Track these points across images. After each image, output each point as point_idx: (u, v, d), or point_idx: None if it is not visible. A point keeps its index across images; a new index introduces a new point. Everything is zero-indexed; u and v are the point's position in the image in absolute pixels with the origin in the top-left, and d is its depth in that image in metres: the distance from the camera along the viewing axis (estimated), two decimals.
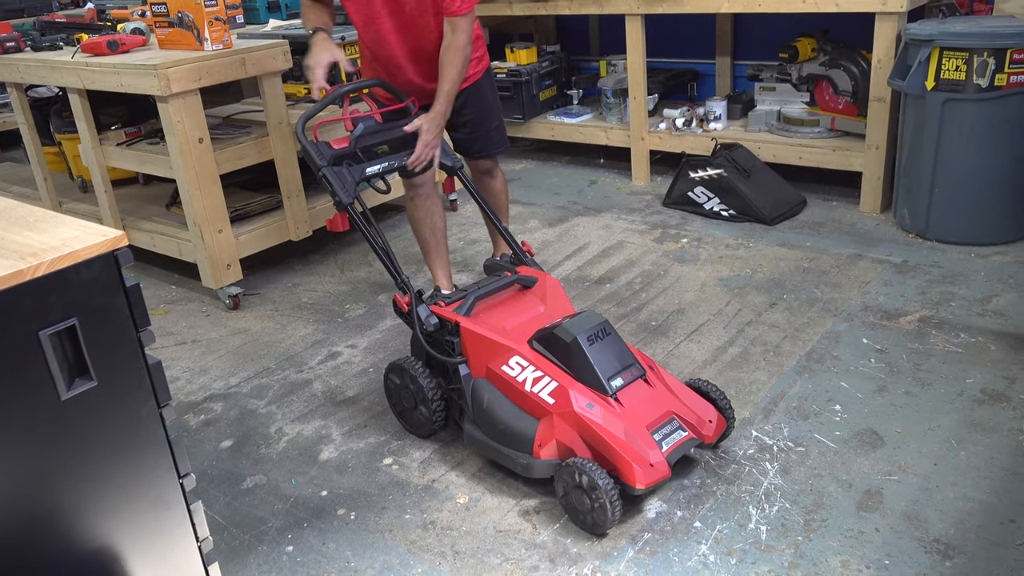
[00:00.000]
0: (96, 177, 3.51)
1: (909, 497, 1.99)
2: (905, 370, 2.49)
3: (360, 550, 2.00)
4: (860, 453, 2.16)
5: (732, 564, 1.84)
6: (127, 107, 3.67)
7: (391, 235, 3.96)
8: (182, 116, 2.97)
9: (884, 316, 2.81)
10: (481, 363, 2.17)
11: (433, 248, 3.05)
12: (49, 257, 1.25)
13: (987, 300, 2.85)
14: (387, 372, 2.40)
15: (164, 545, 1.49)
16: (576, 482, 1.92)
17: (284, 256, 3.76)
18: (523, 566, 1.90)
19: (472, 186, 2.75)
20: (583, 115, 4.70)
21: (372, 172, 2.51)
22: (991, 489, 1.99)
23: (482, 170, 3.07)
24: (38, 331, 1.24)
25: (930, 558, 1.81)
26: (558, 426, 2.00)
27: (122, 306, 1.35)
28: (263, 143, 3.30)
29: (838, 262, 3.24)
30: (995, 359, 2.51)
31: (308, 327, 3.13)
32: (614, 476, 1.91)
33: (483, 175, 3.09)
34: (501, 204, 3.18)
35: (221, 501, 2.21)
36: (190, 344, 3.09)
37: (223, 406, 2.66)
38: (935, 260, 3.19)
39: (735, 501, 2.03)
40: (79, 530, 1.36)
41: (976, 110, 3.12)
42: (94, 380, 1.32)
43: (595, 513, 1.91)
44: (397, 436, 2.42)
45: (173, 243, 3.40)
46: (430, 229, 3.00)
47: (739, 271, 3.24)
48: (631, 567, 1.86)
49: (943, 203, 3.30)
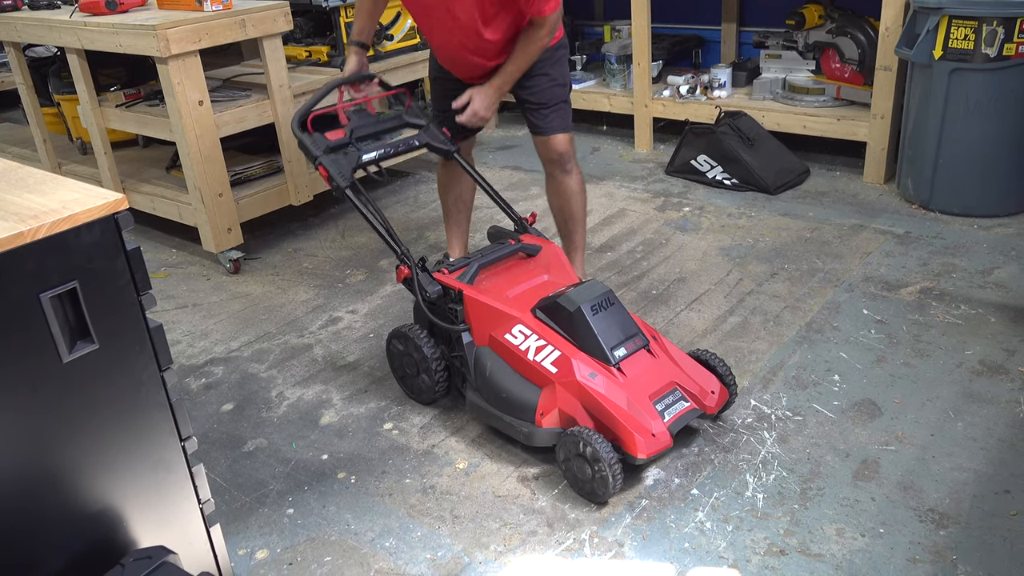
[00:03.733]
0: (95, 139, 3.48)
1: (905, 467, 2.00)
2: (905, 341, 2.50)
3: (360, 513, 2.02)
4: (858, 423, 2.17)
5: (728, 531, 1.86)
6: (126, 68, 3.63)
7: (392, 200, 3.94)
8: (182, 78, 2.94)
9: (885, 287, 2.81)
10: (484, 331, 2.17)
11: (453, 216, 3.02)
12: (49, 220, 1.24)
13: (988, 272, 2.85)
14: (390, 338, 2.40)
15: (166, 507, 1.51)
16: (578, 451, 1.93)
17: (285, 220, 3.75)
18: (521, 531, 1.92)
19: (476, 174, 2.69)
20: (586, 81, 4.66)
21: (368, 158, 2.49)
22: (987, 460, 2.01)
23: (553, 157, 2.69)
24: (39, 294, 1.24)
25: (924, 527, 1.83)
26: (560, 395, 2.01)
27: (123, 269, 1.34)
28: (263, 106, 3.28)
29: (840, 232, 3.23)
30: (995, 331, 2.51)
31: (309, 292, 3.13)
32: (615, 445, 1.93)
33: (555, 168, 2.71)
34: (573, 213, 2.76)
35: (223, 464, 2.23)
36: (191, 308, 3.09)
37: (224, 370, 2.67)
38: (937, 231, 3.18)
39: (732, 469, 2.05)
40: (82, 492, 1.38)
41: (983, 80, 3.09)
42: (95, 343, 1.32)
43: (596, 482, 1.92)
44: (397, 401, 2.43)
45: (173, 206, 3.38)
46: (455, 197, 2.98)
47: (741, 240, 3.23)
48: (628, 533, 1.88)
49: (947, 174, 3.28)
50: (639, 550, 1.83)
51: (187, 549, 1.53)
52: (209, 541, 1.59)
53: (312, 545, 1.93)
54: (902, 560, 1.75)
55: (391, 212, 3.80)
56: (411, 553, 1.88)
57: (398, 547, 1.90)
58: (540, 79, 2.62)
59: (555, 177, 2.72)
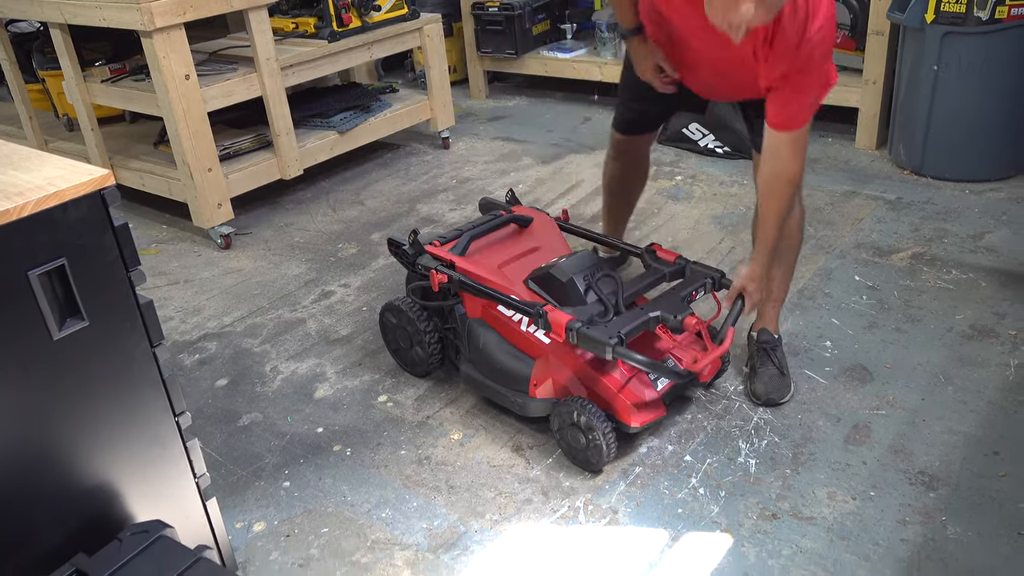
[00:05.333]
0: (81, 115, 3.45)
1: (896, 431, 2.02)
2: (896, 306, 2.51)
3: (356, 485, 2.03)
4: (849, 388, 2.18)
5: (721, 496, 1.88)
6: (111, 42, 3.58)
7: (381, 173, 3.92)
8: (167, 52, 2.91)
9: (877, 253, 2.81)
10: (476, 304, 2.17)
11: (613, 212, 2.69)
12: (35, 196, 1.23)
13: (979, 237, 2.85)
14: (383, 311, 2.40)
15: (162, 482, 1.51)
16: (572, 421, 1.94)
17: (275, 195, 3.73)
18: (516, 499, 1.93)
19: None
20: (577, 50, 4.62)
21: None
22: (977, 422, 2.03)
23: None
24: (27, 271, 1.24)
25: (915, 489, 1.85)
26: (554, 366, 2.02)
27: (111, 245, 1.34)
28: (251, 79, 3.24)
29: (832, 199, 3.23)
30: (985, 295, 2.52)
31: (301, 266, 3.13)
32: (609, 414, 1.94)
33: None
34: (785, 259, 2.19)
35: (218, 438, 2.24)
36: (183, 284, 3.09)
37: (217, 345, 2.67)
38: (929, 197, 3.19)
39: (725, 436, 2.06)
40: (77, 468, 1.38)
41: (975, 44, 3.07)
42: (85, 320, 1.32)
43: (590, 451, 1.94)
44: (391, 374, 2.43)
45: (162, 182, 3.36)
46: (619, 196, 2.64)
47: (733, 208, 3.23)
48: (622, 500, 1.90)
49: (939, 139, 3.27)
50: (633, 516, 1.85)
51: (184, 523, 1.54)
52: (206, 515, 1.60)
53: (309, 517, 1.95)
54: (892, 522, 1.77)
55: (382, 185, 3.79)
56: (407, 523, 1.90)
57: (394, 517, 1.92)
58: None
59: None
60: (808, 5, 1.70)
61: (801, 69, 1.74)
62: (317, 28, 3.55)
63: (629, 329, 1.90)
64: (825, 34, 1.73)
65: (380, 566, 1.79)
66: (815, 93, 1.78)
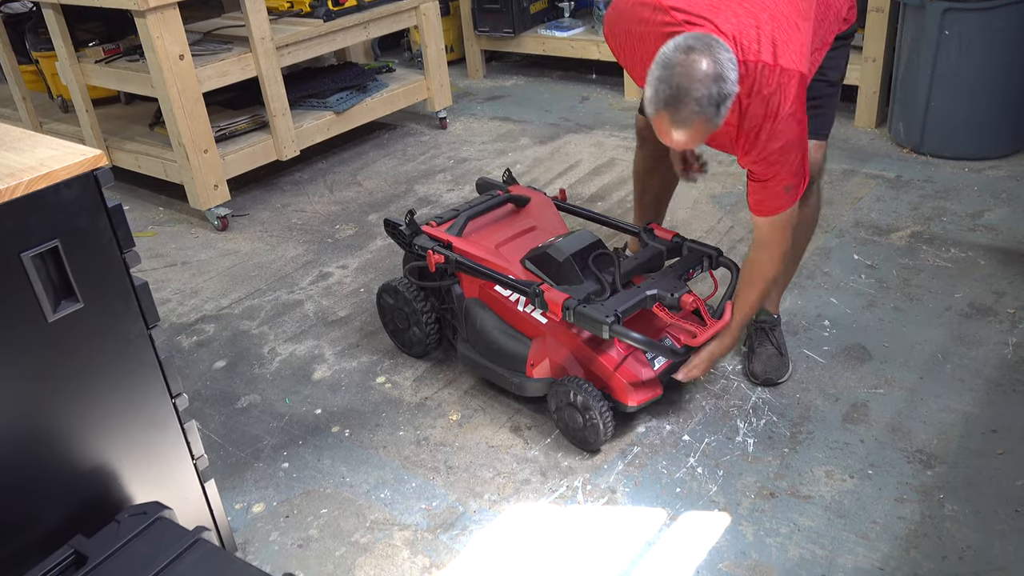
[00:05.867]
0: (76, 97, 3.42)
1: (894, 409, 2.02)
2: (895, 285, 2.50)
3: (355, 465, 2.03)
4: (847, 367, 2.18)
5: (719, 476, 1.88)
6: (104, 22, 3.55)
7: (378, 154, 3.90)
8: (161, 32, 2.88)
9: (876, 232, 2.80)
10: (474, 283, 2.16)
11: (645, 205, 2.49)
12: (27, 177, 1.22)
13: (978, 215, 2.84)
14: (380, 292, 2.40)
15: (160, 463, 1.51)
16: (569, 400, 1.94)
17: (272, 176, 3.71)
18: (515, 479, 1.94)
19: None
20: (575, 28, 4.58)
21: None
22: (974, 401, 2.03)
23: None
24: (20, 253, 1.23)
25: (912, 467, 1.85)
26: (550, 345, 2.01)
27: (105, 227, 1.33)
28: (246, 59, 3.22)
29: (831, 178, 3.21)
30: (984, 274, 2.52)
31: (298, 248, 3.12)
32: (606, 394, 1.94)
33: None
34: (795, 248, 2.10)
35: (217, 420, 2.24)
36: (180, 266, 3.08)
37: (215, 327, 2.67)
38: (929, 175, 3.17)
39: (723, 415, 2.06)
40: (74, 450, 1.38)
41: (976, 20, 3.05)
42: (80, 302, 1.32)
43: (587, 431, 1.94)
44: (389, 355, 2.43)
45: (158, 164, 3.34)
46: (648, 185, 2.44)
47: (731, 188, 3.21)
48: (621, 479, 1.90)
49: (939, 117, 3.25)
50: (631, 496, 1.86)
51: (183, 504, 1.54)
52: (204, 496, 1.60)
53: (308, 498, 1.95)
54: (890, 500, 1.77)
55: (379, 166, 3.77)
56: (406, 504, 1.90)
57: (393, 498, 1.92)
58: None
59: None
60: (777, 97, 1.67)
61: (767, 159, 1.74)
62: (312, 7, 3.52)
63: (626, 308, 1.89)
64: (788, 126, 1.69)
65: (379, 546, 1.80)
66: (787, 182, 1.76)
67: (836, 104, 2.07)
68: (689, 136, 1.63)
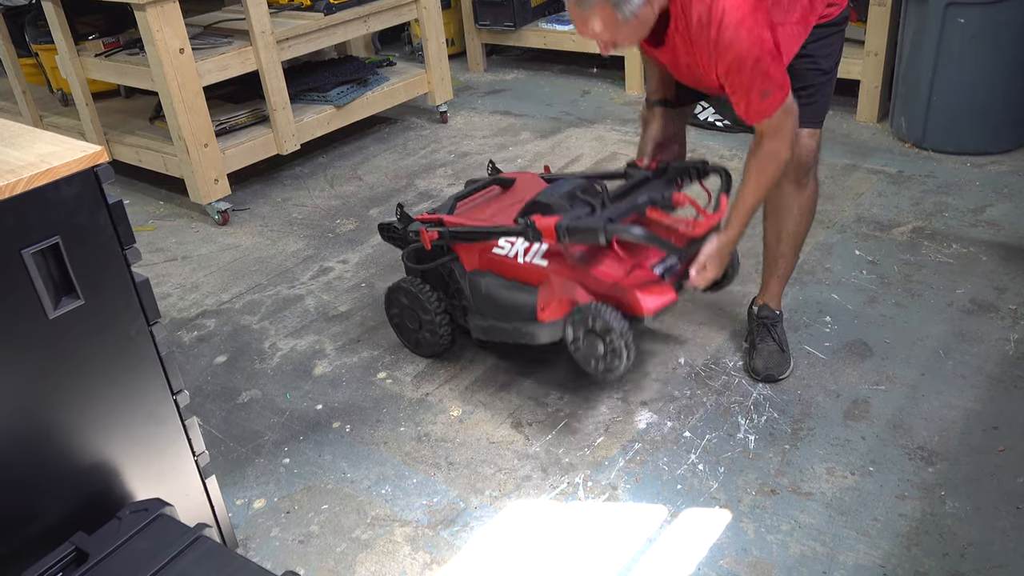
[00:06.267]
0: (76, 90, 3.41)
1: (895, 406, 2.02)
2: (896, 281, 2.50)
3: (356, 461, 2.03)
4: (849, 364, 2.18)
5: (720, 472, 1.88)
6: (104, 15, 3.54)
7: (379, 148, 3.89)
8: (161, 25, 2.87)
9: (877, 227, 2.80)
10: (472, 254, 2.15)
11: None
12: (27, 174, 1.22)
13: (980, 210, 2.84)
14: (388, 293, 2.37)
15: (161, 460, 1.51)
16: (588, 327, 1.87)
17: (273, 170, 3.70)
18: (516, 476, 1.94)
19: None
20: None
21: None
22: (976, 397, 2.02)
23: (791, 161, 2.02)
24: (20, 250, 1.23)
25: (913, 464, 1.85)
26: (557, 286, 1.97)
27: (105, 223, 1.33)
28: (246, 53, 3.21)
29: (832, 173, 3.21)
30: (986, 269, 2.51)
31: (299, 242, 3.11)
32: (622, 312, 1.86)
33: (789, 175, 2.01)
34: (788, 233, 2.12)
35: (218, 415, 2.24)
36: (180, 260, 3.07)
37: (216, 322, 2.67)
38: (930, 170, 3.16)
39: (724, 411, 2.06)
40: (75, 447, 1.38)
41: (979, 14, 3.03)
42: (81, 299, 1.31)
43: (609, 357, 1.87)
44: (390, 351, 2.43)
45: (158, 158, 3.34)
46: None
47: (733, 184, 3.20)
48: (622, 476, 1.90)
49: (941, 112, 3.24)
50: (632, 493, 1.86)
51: (184, 501, 1.54)
52: (205, 492, 1.60)
53: (309, 494, 1.95)
54: (891, 497, 1.77)
55: (379, 160, 3.76)
56: (407, 500, 1.90)
57: (394, 494, 1.92)
58: (795, 61, 1.91)
59: (782, 188, 2.03)
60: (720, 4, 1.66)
61: (728, 70, 1.73)
62: (313, 0, 3.51)
63: (619, 213, 1.86)
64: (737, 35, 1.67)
65: (380, 542, 1.80)
66: (760, 88, 1.73)
67: (829, 93, 2.03)
68: (602, 26, 1.67)
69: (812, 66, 1.93)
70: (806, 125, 1.96)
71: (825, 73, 1.98)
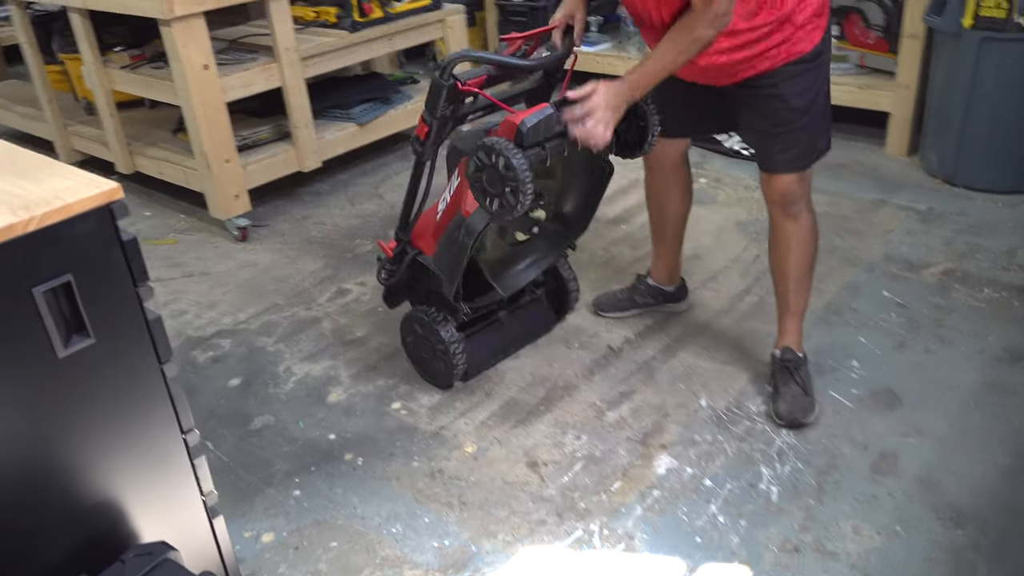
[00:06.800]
0: (100, 101, 3.41)
1: (924, 460, 1.96)
2: (926, 326, 2.43)
3: (367, 496, 1.99)
4: (876, 412, 2.12)
5: (742, 526, 1.82)
6: (130, 28, 3.53)
7: (401, 166, 3.86)
8: (186, 41, 2.86)
9: (906, 267, 2.73)
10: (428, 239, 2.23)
11: (656, 232, 2.52)
12: (40, 211, 1.18)
13: (1013, 253, 2.77)
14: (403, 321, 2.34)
15: (168, 500, 1.47)
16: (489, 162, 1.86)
17: (293, 187, 3.68)
18: (530, 520, 1.89)
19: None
20: (602, 44, 4.52)
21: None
22: (1007, 452, 1.96)
23: (774, 197, 2.04)
24: (31, 288, 1.19)
25: (942, 525, 1.78)
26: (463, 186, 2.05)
27: (119, 260, 1.29)
28: (270, 69, 3.19)
29: (860, 207, 3.14)
30: (1018, 316, 2.44)
31: (317, 262, 3.08)
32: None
33: (776, 209, 2.06)
34: (787, 269, 2.12)
35: (229, 441, 2.21)
36: (198, 276, 3.05)
37: (231, 342, 2.64)
38: (961, 208, 3.09)
39: (747, 459, 2.00)
40: (82, 487, 1.34)
41: (1015, 50, 2.97)
42: (92, 337, 1.28)
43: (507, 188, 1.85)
44: (406, 380, 2.39)
45: (180, 171, 3.32)
46: (656, 212, 2.48)
47: (758, 215, 3.14)
48: (639, 525, 1.85)
49: (973, 148, 3.18)
50: (650, 543, 1.80)
51: (190, 542, 1.50)
52: (212, 533, 1.56)
53: (318, 529, 1.91)
54: (919, 560, 1.71)
55: (401, 178, 3.73)
56: (418, 540, 1.86)
57: (405, 533, 1.88)
58: (766, 100, 1.93)
59: (775, 221, 2.07)
60: None
61: None
62: (338, 17, 3.49)
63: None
64: None
65: None
66: None
67: (818, 132, 1.98)
68: None
69: (782, 105, 1.92)
70: (785, 171, 1.97)
71: (800, 112, 1.93)
